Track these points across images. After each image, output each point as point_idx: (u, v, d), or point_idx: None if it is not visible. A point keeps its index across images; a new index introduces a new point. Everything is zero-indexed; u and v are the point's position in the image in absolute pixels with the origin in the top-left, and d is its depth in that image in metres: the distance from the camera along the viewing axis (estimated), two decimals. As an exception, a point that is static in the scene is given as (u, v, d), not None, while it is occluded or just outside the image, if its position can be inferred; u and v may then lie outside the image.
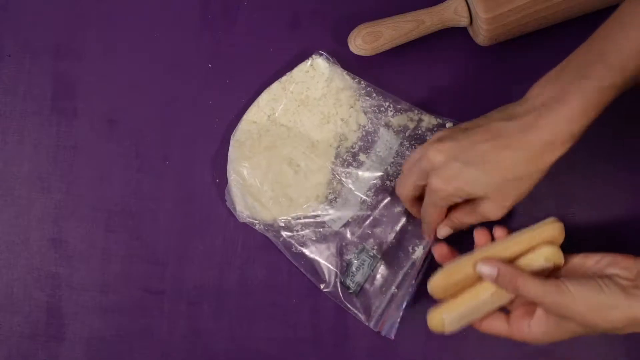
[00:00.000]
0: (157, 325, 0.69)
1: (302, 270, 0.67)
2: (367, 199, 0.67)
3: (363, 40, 0.66)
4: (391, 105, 0.68)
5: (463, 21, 0.66)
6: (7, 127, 0.71)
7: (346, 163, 0.68)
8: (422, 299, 0.65)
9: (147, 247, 0.69)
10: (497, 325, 0.59)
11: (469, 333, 0.66)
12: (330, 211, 0.67)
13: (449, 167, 0.56)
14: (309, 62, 0.69)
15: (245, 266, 0.68)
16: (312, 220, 0.67)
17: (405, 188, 0.61)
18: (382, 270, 0.66)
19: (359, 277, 0.65)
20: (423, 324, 0.67)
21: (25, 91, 0.71)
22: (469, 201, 0.59)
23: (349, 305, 0.66)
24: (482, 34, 0.65)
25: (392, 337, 0.64)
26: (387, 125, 0.68)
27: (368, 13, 0.68)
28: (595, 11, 0.66)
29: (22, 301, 0.70)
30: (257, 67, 0.70)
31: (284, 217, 0.67)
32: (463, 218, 0.61)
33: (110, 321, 0.69)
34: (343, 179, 0.67)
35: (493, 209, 0.58)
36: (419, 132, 0.67)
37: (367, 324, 0.65)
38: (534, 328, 0.56)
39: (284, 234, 0.67)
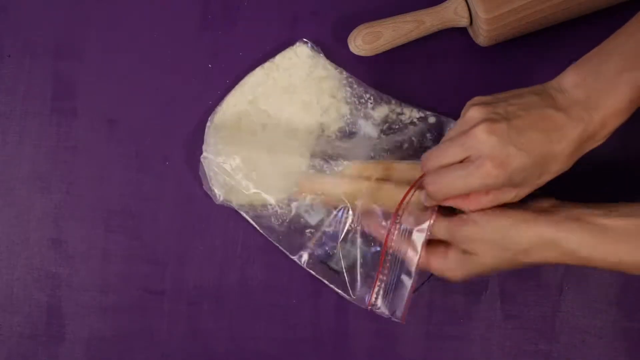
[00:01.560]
0: (157, 325, 0.69)
1: (275, 242, 0.66)
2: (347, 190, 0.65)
3: (363, 40, 0.66)
4: (371, 97, 0.68)
5: (463, 21, 0.66)
6: (7, 127, 0.71)
7: (325, 152, 0.67)
8: (421, 299, 0.66)
9: (147, 247, 0.69)
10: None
11: (469, 333, 0.67)
12: (309, 202, 0.66)
13: (504, 151, 0.52)
14: (292, 49, 0.69)
15: (245, 266, 0.69)
16: (290, 209, 0.66)
17: (442, 160, 0.56)
18: (370, 258, 0.64)
19: (343, 263, 0.64)
20: (423, 323, 0.67)
21: (25, 91, 0.71)
22: None
23: (328, 282, 0.65)
24: (482, 35, 0.65)
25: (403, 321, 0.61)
26: (367, 117, 0.68)
27: (368, 13, 0.68)
28: (595, 12, 0.66)
29: (22, 301, 0.70)
30: (257, 67, 0.70)
31: (261, 204, 0.66)
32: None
33: (110, 321, 0.69)
34: (322, 168, 0.67)
35: (513, 197, 0.55)
36: (399, 125, 0.67)
37: (348, 297, 0.63)
38: (448, 263, 0.57)
39: (258, 218, 0.66)
